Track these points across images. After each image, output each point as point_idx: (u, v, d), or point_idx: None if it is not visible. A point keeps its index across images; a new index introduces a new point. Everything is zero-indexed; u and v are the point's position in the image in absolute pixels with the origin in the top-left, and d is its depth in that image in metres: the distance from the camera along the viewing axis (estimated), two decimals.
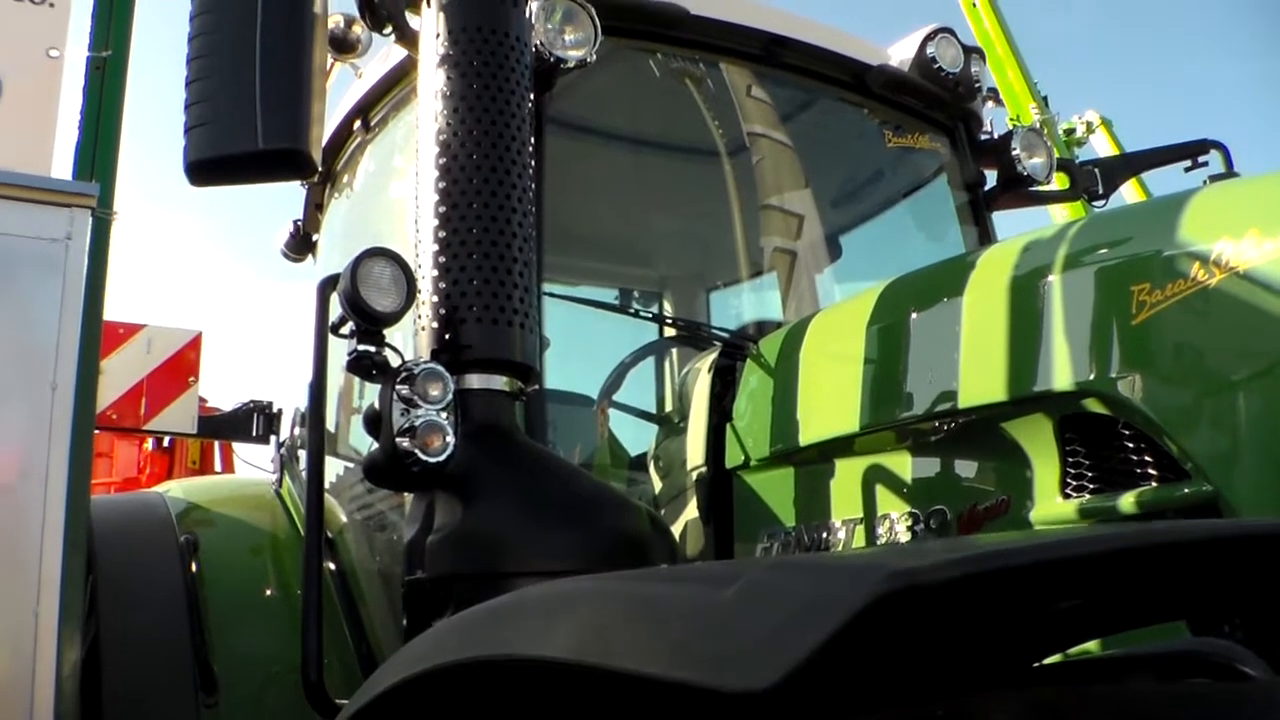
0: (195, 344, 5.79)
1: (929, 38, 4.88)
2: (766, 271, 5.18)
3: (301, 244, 6.03)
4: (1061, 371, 2.54)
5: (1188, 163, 5.40)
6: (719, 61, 4.61)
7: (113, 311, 4.65)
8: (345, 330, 2.90)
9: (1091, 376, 2.48)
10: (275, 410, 6.07)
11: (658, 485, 4.15)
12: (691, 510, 3.73)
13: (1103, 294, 2.51)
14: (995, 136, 5.11)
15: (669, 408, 4.84)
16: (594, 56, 3.72)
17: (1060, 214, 8.04)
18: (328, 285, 3.15)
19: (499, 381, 2.94)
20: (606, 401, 4.76)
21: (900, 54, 4.93)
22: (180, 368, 5.71)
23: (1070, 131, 19.24)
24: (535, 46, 3.54)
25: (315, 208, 5.82)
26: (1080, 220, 2.92)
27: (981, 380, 2.73)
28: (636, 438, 4.78)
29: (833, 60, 4.78)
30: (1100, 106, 19.55)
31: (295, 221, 6.01)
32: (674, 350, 5.40)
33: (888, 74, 4.84)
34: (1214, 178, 5.19)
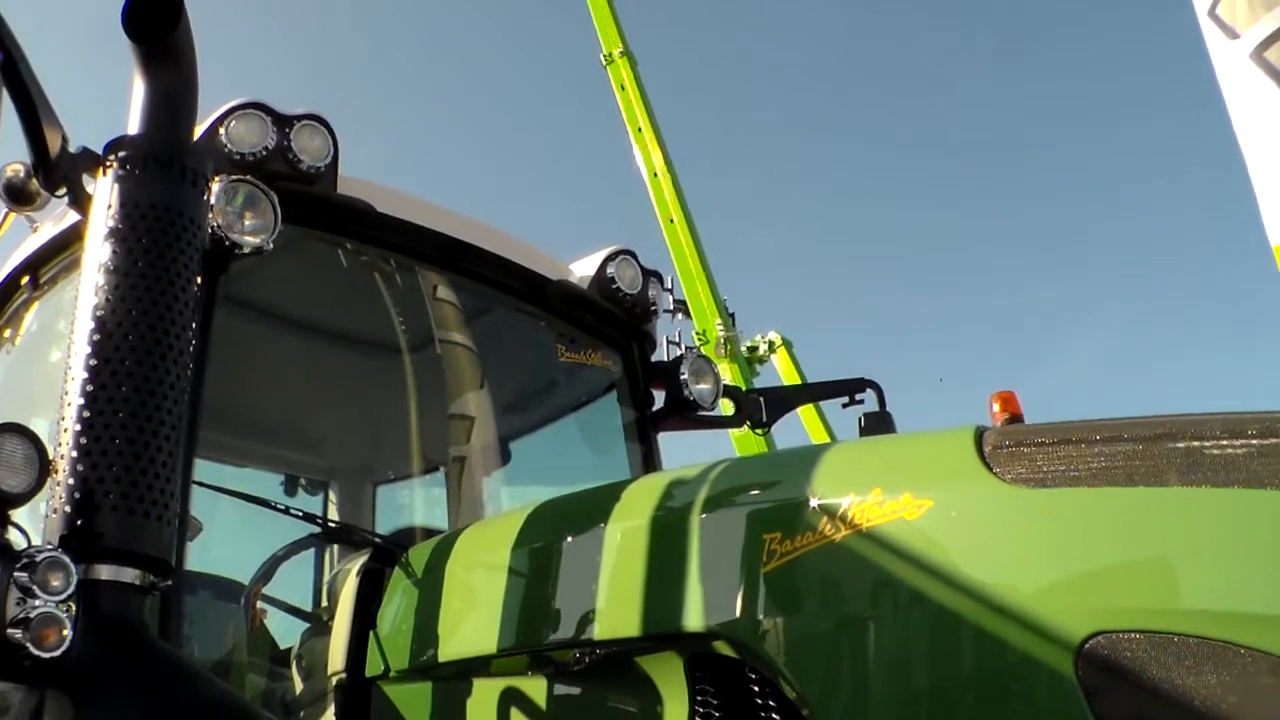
0: None
1: (610, 258, 5.04)
2: (434, 470, 5.16)
3: None
4: (693, 612, 2.58)
5: (846, 398, 5.70)
6: (403, 260, 4.62)
7: None
8: None
9: (721, 620, 2.53)
10: None
11: (298, 686, 4.01)
12: (330, 718, 3.60)
13: (738, 540, 2.58)
14: (674, 356, 5.29)
15: (322, 604, 4.71)
16: (272, 245, 3.66)
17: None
18: None
19: (130, 574, 2.76)
20: (257, 592, 4.58)
21: (582, 270, 5.07)
22: None
23: (753, 349, 20.11)
24: (212, 229, 3.47)
25: None
26: (727, 461, 3.02)
27: (618, 613, 2.76)
28: (286, 632, 4.62)
29: (512, 270, 4.87)
30: (784, 327, 20.56)
31: None
32: (334, 545, 5.28)
33: (565, 289, 4.96)
34: (868, 415, 5.50)
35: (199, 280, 3.03)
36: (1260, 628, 1.89)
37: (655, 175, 18.78)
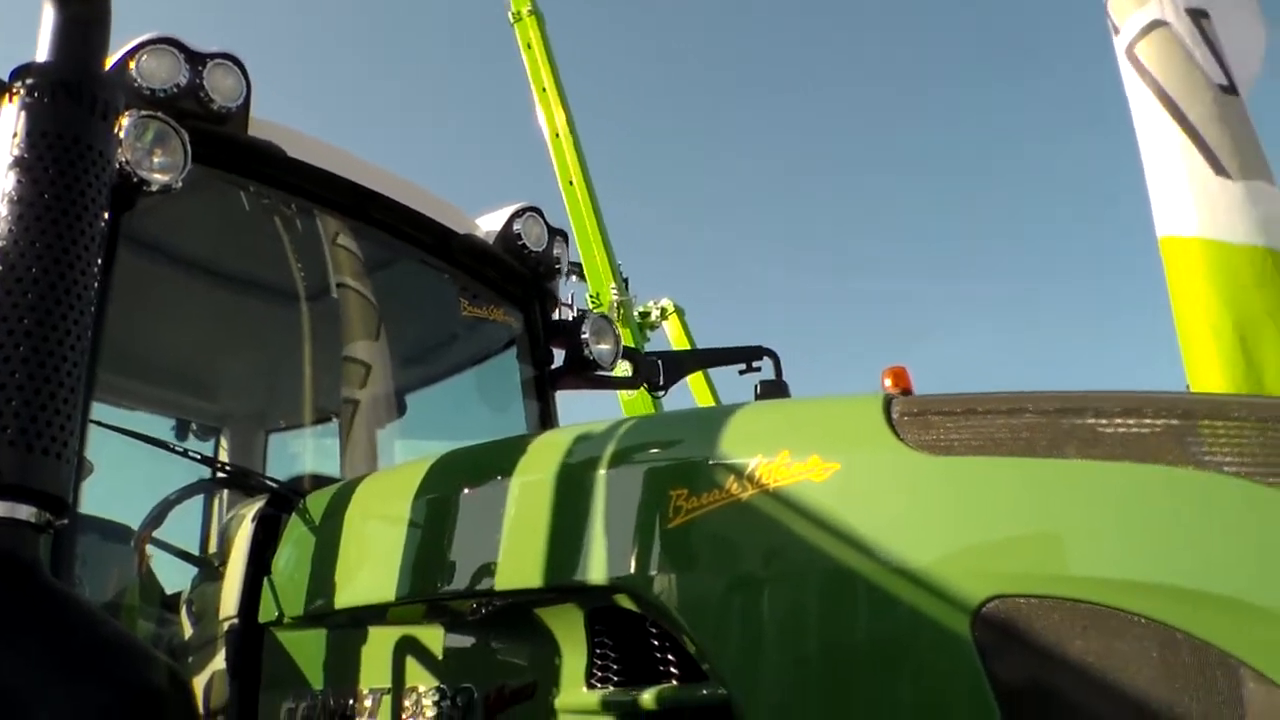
0: None
1: (517, 214, 5.07)
2: (328, 420, 5.12)
3: None
4: (596, 565, 2.60)
5: (743, 365, 5.78)
6: (309, 206, 4.58)
7: None
8: None
9: (623, 573, 2.55)
10: None
11: (188, 632, 3.96)
12: (219, 662, 3.56)
13: (643, 495, 2.60)
14: (569, 318, 5.32)
15: (211, 550, 4.66)
16: (180, 183, 3.61)
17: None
18: None
19: (25, 511, 2.70)
20: (146, 537, 4.52)
21: (488, 225, 5.08)
22: None
23: (645, 314, 20.25)
24: (120, 164, 3.40)
25: None
26: (634, 418, 3.04)
27: (519, 565, 2.76)
28: (175, 578, 4.56)
29: (419, 222, 4.86)
30: (678, 295, 20.71)
31: None
32: (224, 491, 5.22)
33: (471, 243, 4.97)
34: (764, 383, 5.58)
35: (106, 215, 2.97)
36: (1147, 595, 1.97)
37: (557, 136, 18.72)
